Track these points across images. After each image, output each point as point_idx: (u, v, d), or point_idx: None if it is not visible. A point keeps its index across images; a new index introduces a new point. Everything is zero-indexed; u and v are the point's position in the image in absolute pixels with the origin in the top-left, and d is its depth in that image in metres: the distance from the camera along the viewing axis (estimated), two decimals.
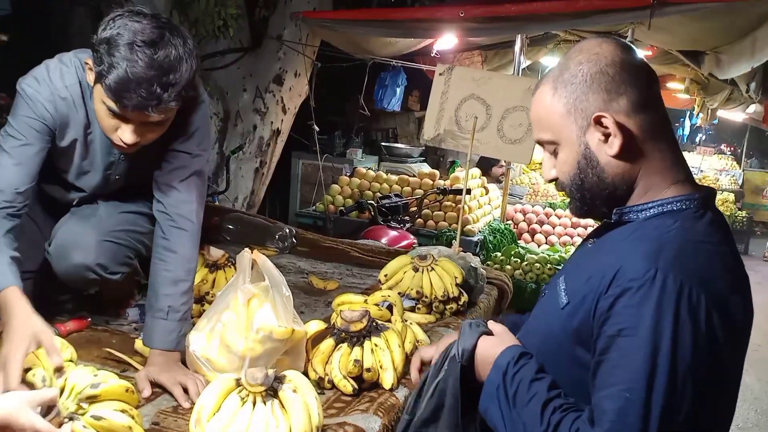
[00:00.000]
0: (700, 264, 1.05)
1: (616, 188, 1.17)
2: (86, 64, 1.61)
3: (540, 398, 1.11)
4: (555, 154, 1.21)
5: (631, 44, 1.26)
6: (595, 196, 1.19)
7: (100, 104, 1.58)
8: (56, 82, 1.69)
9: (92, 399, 1.24)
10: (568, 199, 1.29)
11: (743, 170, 13.29)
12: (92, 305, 2.08)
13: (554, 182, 1.26)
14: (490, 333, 1.29)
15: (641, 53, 5.36)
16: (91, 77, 1.60)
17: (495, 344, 1.24)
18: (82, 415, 1.21)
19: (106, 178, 1.88)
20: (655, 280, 1.01)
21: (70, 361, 1.59)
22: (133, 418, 1.28)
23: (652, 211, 1.15)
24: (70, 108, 1.71)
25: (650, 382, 0.98)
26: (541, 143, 1.25)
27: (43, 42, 4.48)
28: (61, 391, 1.23)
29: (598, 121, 1.14)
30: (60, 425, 1.16)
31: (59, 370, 1.33)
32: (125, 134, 1.59)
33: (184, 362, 1.68)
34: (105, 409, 1.24)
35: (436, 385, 1.26)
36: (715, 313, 1.01)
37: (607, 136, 1.14)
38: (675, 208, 1.14)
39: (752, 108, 9.53)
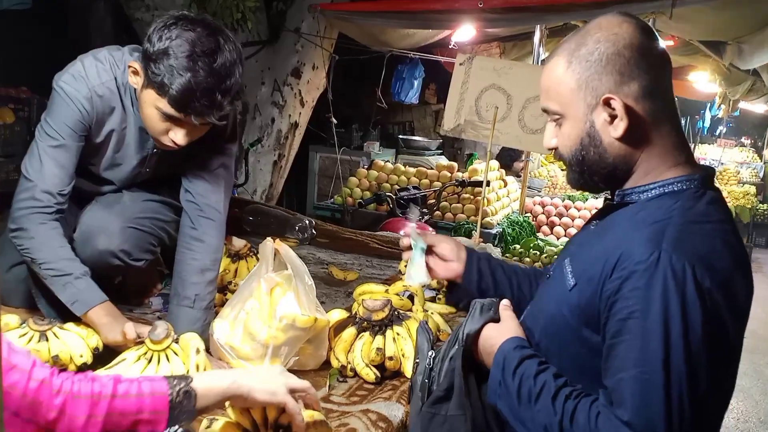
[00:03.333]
0: (702, 244, 1.06)
1: (616, 168, 1.18)
2: (130, 67, 1.62)
3: (549, 389, 1.10)
4: (559, 124, 1.22)
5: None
6: (593, 172, 1.20)
7: (150, 108, 1.60)
8: (93, 80, 1.71)
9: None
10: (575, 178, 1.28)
11: (765, 163, 13.10)
12: (117, 294, 2.09)
13: (553, 151, 1.26)
14: (497, 320, 1.27)
15: (662, 44, 5.32)
16: (134, 80, 1.62)
17: (496, 335, 1.23)
18: None
19: (137, 171, 1.90)
20: (659, 263, 1.02)
21: (96, 348, 1.62)
22: None
23: (653, 192, 1.16)
24: (105, 105, 1.74)
25: (666, 362, 0.99)
26: (546, 111, 1.25)
27: (62, 37, 4.51)
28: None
29: (606, 103, 1.14)
30: None
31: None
32: (178, 136, 1.63)
33: (208, 350, 1.69)
34: None
35: (448, 363, 1.26)
36: (720, 292, 1.02)
37: (613, 117, 1.14)
38: (676, 189, 1.14)
39: None
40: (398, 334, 1.74)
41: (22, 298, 1.91)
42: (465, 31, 4.79)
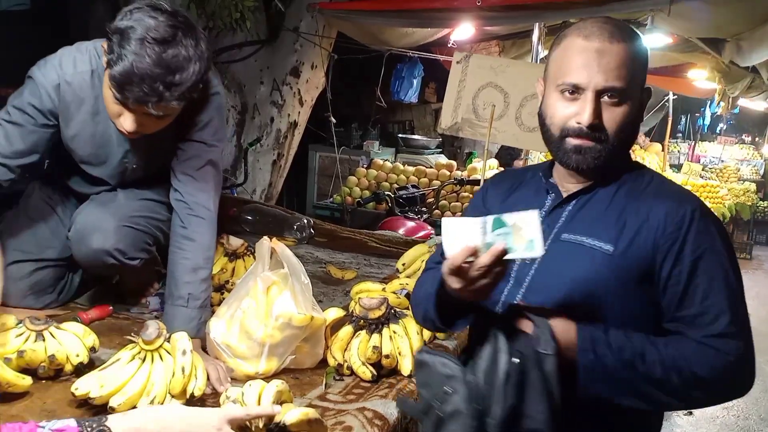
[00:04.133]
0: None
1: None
2: (103, 47, 1.63)
3: (648, 346, 1.20)
4: (612, 103, 1.26)
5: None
6: (623, 154, 1.34)
7: (107, 89, 1.61)
8: (66, 68, 1.73)
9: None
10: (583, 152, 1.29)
11: (765, 160, 13.08)
12: (114, 294, 2.10)
13: (592, 128, 1.26)
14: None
15: (662, 41, 5.30)
16: (103, 61, 1.64)
17: (567, 327, 1.20)
18: None
19: (123, 167, 1.91)
20: (704, 211, 1.27)
21: (92, 348, 1.62)
22: None
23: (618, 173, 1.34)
24: (75, 94, 1.75)
25: (737, 278, 1.25)
26: (606, 90, 1.25)
27: (62, 36, 4.51)
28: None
29: (648, 93, 1.33)
30: None
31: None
32: (126, 122, 1.63)
33: (204, 349, 1.69)
34: None
35: (510, 370, 1.13)
36: None
37: (642, 104, 1.31)
38: (631, 169, 1.36)
39: None
40: (395, 332, 1.74)
41: (19, 297, 1.91)
42: (464, 30, 4.79)
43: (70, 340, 1.60)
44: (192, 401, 1.43)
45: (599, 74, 1.26)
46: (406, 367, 1.69)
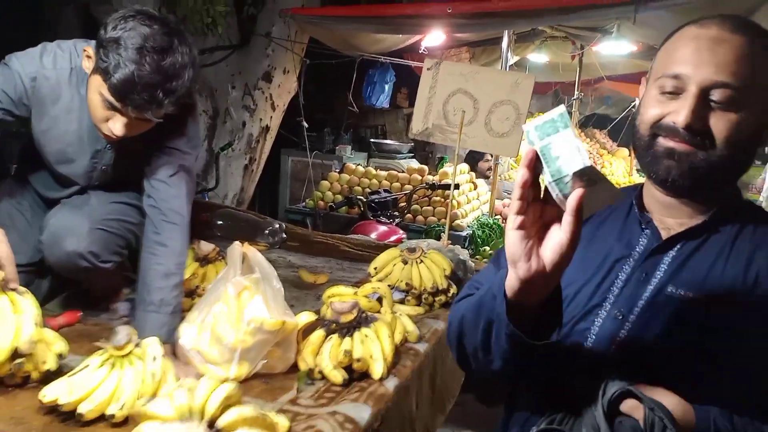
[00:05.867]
0: None
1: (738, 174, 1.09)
2: (84, 51, 1.64)
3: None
4: (723, 106, 1.01)
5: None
6: (735, 175, 1.09)
7: (95, 94, 1.62)
8: (46, 63, 1.75)
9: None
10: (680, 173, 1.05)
11: None
12: (83, 300, 2.09)
13: (690, 131, 1.02)
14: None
15: (627, 48, 5.41)
16: (87, 65, 1.65)
17: (684, 408, 0.99)
18: None
19: (93, 167, 1.91)
20: None
21: (60, 355, 1.60)
22: None
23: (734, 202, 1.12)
24: (52, 89, 1.76)
25: None
26: (713, 87, 1.01)
27: (31, 41, 4.45)
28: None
29: None
30: None
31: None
32: (116, 126, 1.65)
33: (175, 355, 1.69)
34: None
35: None
36: None
37: None
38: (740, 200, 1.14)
39: None
40: (366, 335, 1.75)
41: None
42: (435, 36, 4.84)
43: (38, 347, 1.58)
44: None
45: (709, 66, 0.99)
46: (377, 370, 1.71)
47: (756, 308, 0.99)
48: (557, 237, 0.85)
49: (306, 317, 1.84)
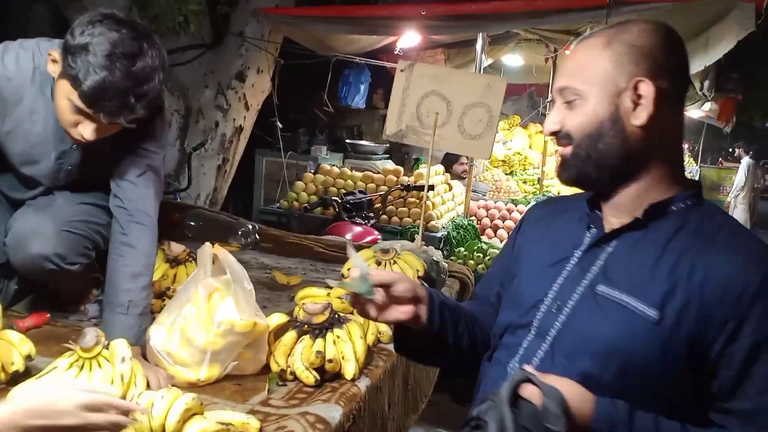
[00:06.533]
0: None
1: (628, 162, 1.14)
2: (49, 54, 1.62)
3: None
4: (574, 106, 1.16)
5: None
6: (604, 160, 1.14)
7: (63, 99, 1.60)
8: (8, 64, 1.72)
9: None
10: (559, 163, 1.22)
11: (700, 167, 13.63)
12: (52, 301, 2.06)
13: (555, 135, 1.20)
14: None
15: None
16: (53, 69, 1.62)
17: (584, 402, 1.04)
18: None
19: (58, 168, 1.88)
20: None
21: (28, 356, 1.58)
22: None
23: (680, 204, 1.15)
24: (15, 90, 1.73)
25: None
26: (562, 91, 1.18)
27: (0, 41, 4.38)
28: None
29: (636, 86, 1.11)
30: None
31: None
32: (87, 131, 1.63)
33: (144, 356, 1.68)
34: None
35: None
36: None
37: (636, 105, 1.12)
38: (696, 200, 1.16)
39: (707, 105, 9.78)
40: (338, 336, 1.76)
41: None
42: (409, 38, 4.85)
43: (6, 348, 1.56)
44: None
45: (559, 75, 1.21)
46: (349, 371, 1.71)
47: (674, 316, 1.05)
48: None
49: (278, 318, 1.83)
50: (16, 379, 1.52)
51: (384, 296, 1.20)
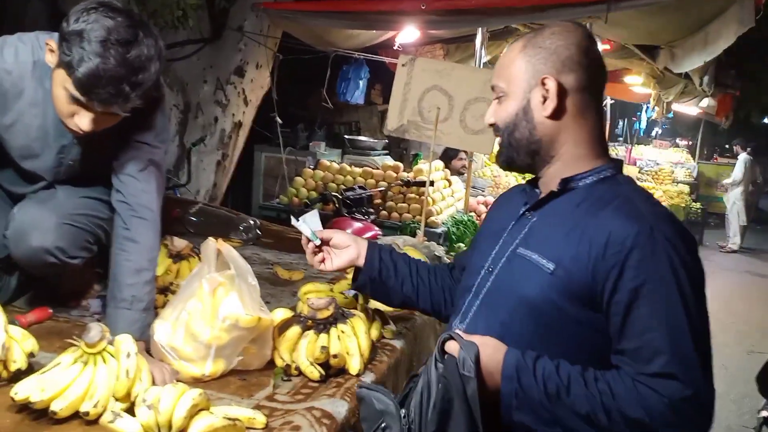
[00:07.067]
0: (667, 215, 1.25)
1: (541, 147, 1.33)
2: (47, 44, 1.60)
3: (576, 378, 1.16)
4: (501, 102, 1.37)
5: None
6: (520, 146, 1.35)
7: (59, 89, 1.58)
8: (7, 57, 1.71)
9: None
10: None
11: (698, 163, 13.66)
12: (54, 296, 2.05)
13: (492, 127, 1.41)
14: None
15: (600, 47, 5.48)
16: (50, 59, 1.60)
17: (493, 352, 1.20)
18: None
19: (59, 162, 1.86)
20: (653, 235, 1.17)
21: (30, 353, 1.57)
22: None
23: (591, 178, 1.31)
24: (14, 83, 1.72)
25: (687, 311, 1.15)
26: (493, 88, 1.39)
27: None
28: None
29: (543, 83, 1.30)
30: None
31: None
32: (83, 121, 1.61)
33: (149, 352, 1.67)
34: None
35: (436, 398, 1.18)
36: (695, 253, 1.22)
37: (545, 98, 1.30)
38: (609, 174, 1.32)
39: (705, 101, 9.81)
40: (343, 331, 1.75)
41: None
42: (408, 33, 4.84)
43: (7, 344, 1.55)
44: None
45: (492, 76, 1.41)
46: (354, 366, 1.71)
47: (566, 268, 1.21)
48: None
49: (282, 314, 1.83)
50: (18, 376, 1.50)
51: (329, 252, 1.65)
